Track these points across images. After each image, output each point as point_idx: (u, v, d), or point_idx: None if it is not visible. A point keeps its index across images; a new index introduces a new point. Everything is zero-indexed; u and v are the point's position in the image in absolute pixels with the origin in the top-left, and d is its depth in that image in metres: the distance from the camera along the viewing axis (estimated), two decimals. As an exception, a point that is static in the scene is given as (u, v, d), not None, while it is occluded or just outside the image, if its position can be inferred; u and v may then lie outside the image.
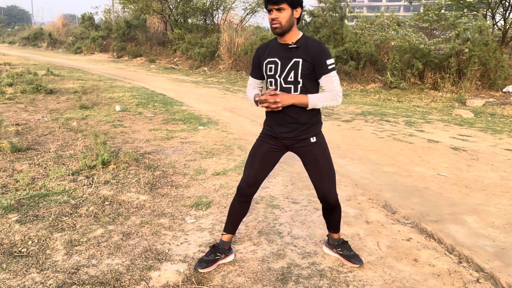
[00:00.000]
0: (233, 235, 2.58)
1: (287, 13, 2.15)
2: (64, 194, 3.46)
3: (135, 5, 21.82)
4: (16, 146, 4.55)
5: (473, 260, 2.64)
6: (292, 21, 2.20)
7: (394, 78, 11.44)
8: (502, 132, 6.73)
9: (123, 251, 2.62)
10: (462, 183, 4.16)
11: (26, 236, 2.75)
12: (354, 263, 2.57)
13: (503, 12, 12.17)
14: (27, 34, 35.98)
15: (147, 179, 3.91)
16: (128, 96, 9.06)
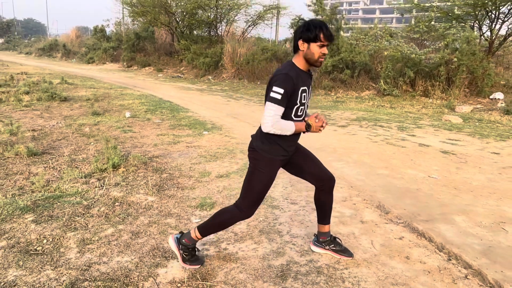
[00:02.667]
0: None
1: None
2: (77, 195, 3.47)
3: (144, 18, 21.93)
4: (32, 150, 4.57)
5: (462, 257, 2.64)
6: None
7: (387, 86, 11.46)
8: (489, 137, 6.72)
9: (132, 249, 2.63)
10: (451, 184, 4.16)
11: (41, 235, 2.76)
12: (348, 256, 2.58)
13: (490, 24, 12.19)
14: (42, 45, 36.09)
15: (155, 181, 3.92)
16: (137, 103, 9.09)
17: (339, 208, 3.44)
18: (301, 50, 2.19)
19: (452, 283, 2.38)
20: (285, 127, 2.18)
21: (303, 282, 2.34)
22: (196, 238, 2.42)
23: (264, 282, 2.32)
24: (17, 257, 2.48)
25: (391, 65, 11.46)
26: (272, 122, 2.12)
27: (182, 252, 2.43)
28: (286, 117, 2.22)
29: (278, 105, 2.11)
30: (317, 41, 2.12)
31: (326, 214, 2.61)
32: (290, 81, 2.11)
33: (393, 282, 2.37)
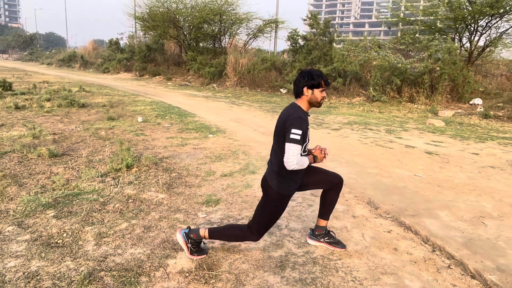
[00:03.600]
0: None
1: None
2: (94, 193, 3.47)
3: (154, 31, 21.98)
4: (53, 152, 4.57)
5: (445, 249, 2.64)
6: None
7: (376, 93, 11.47)
8: (469, 139, 6.72)
9: (144, 242, 2.63)
10: (435, 182, 4.16)
11: (62, 229, 2.76)
12: (341, 248, 2.59)
13: (469, 36, 12.20)
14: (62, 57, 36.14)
15: (165, 180, 3.92)
16: (148, 109, 9.09)
17: (332, 204, 3.43)
18: (305, 95, 2.32)
19: (436, 273, 2.38)
20: (304, 162, 2.30)
21: (300, 271, 2.33)
22: (204, 237, 2.44)
23: (264, 272, 2.32)
24: (39, 249, 2.48)
25: (380, 74, 11.47)
26: (297, 160, 2.21)
27: (190, 245, 2.44)
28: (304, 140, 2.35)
29: (298, 145, 2.22)
30: (320, 87, 2.30)
31: (328, 210, 2.61)
32: (304, 122, 2.26)
33: (382, 271, 2.37)
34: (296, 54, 14.60)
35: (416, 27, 13.26)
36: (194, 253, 2.44)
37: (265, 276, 2.27)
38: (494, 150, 5.86)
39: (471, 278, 2.34)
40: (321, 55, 13.40)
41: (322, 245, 2.64)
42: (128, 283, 2.16)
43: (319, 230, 2.65)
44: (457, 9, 11.26)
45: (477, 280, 2.32)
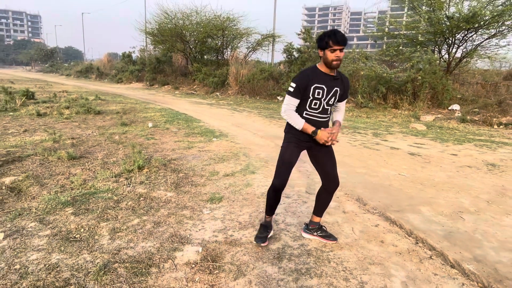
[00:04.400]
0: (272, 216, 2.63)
1: (343, 53, 2.20)
2: (109, 192, 3.47)
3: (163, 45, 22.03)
4: (71, 155, 4.57)
5: (427, 241, 2.63)
6: None
7: (364, 100, 11.49)
8: (448, 141, 6.72)
9: (154, 236, 2.62)
10: (417, 181, 4.15)
11: (79, 225, 2.76)
12: (332, 240, 2.59)
13: (447, 48, 12.25)
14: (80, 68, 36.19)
15: (173, 179, 3.91)
16: (158, 115, 9.09)
17: (325, 201, 3.43)
18: (320, 57, 2.23)
19: (419, 263, 2.37)
20: (294, 120, 2.26)
21: (296, 262, 2.33)
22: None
23: (263, 263, 2.31)
24: (59, 243, 2.47)
25: (367, 83, 11.50)
26: (285, 109, 2.25)
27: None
28: (302, 106, 2.30)
29: (290, 96, 2.23)
30: (328, 47, 2.15)
31: (322, 209, 2.61)
32: (303, 77, 2.20)
33: (370, 262, 2.36)
34: (292, 65, 14.63)
35: (399, 40, 13.31)
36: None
37: (264, 267, 2.26)
38: (471, 151, 5.86)
39: (450, 267, 2.34)
40: (314, 66, 13.42)
41: (315, 238, 2.64)
42: (140, 273, 2.15)
43: (312, 225, 2.65)
44: (436, 24, 11.30)
45: (456, 270, 2.31)
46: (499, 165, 4.98)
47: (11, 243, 2.45)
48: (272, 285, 2.08)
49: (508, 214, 3.22)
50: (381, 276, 2.21)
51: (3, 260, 2.25)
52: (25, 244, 2.45)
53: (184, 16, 19.67)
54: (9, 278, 2.07)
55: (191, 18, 19.73)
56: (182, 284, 2.07)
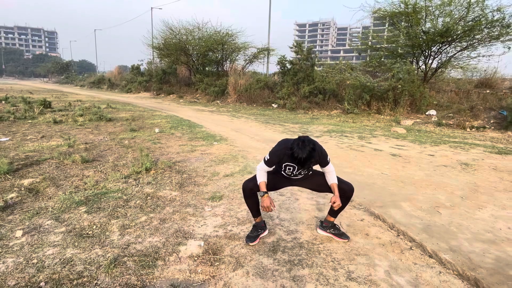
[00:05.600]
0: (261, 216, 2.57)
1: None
2: (119, 192, 3.45)
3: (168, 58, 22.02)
4: (85, 158, 4.54)
5: (407, 233, 2.64)
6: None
7: (350, 106, 11.53)
8: (426, 143, 6.75)
9: (160, 232, 2.60)
10: (398, 179, 4.17)
11: (92, 222, 2.74)
12: (344, 239, 2.51)
13: (424, 59, 12.35)
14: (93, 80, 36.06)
15: (177, 180, 3.90)
16: (164, 121, 9.07)
17: (315, 198, 3.43)
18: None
19: (401, 253, 2.38)
20: (257, 177, 2.36)
21: (289, 254, 2.32)
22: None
23: (260, 255, 2.30)
24: (73, 239, 2.45)
25: (352, 91, 11.55)
26: (257, 168, 2.39)
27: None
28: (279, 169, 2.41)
29: (263, 163, 2.36)
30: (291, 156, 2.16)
31: (337, 212, 2.54)
32: (276, 156, 2.30)
33: (356, 253, 2.36)
34: (285, 76, 14.67)
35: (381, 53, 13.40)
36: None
37: (260, 259, 2.25)
38: (446, 152, 5.89)
39: (429, 257, 2.34)
40: (305, 76, 13.48)
41: (328, 235, 2.58)
42: (147, 266, 2.13)
43: (326, 223, 2.61)
44: (414, 38, 11.40)
45: (434, 259, 2.32)
46: (471, 164, 5.01)
47: (29, 240, 2.43)
48: (267, 275, 2.07)
49: (480, 208, 3.24)
50: (366, 266, 2.21)
51: (21, 255, 2.23)
52: (42, 240, 2.43)
53: (187, 32, 19.70)
54: (27, 272, 2.05)
55: (194, 34, 19.77)
56: (186, 276, 2.06)
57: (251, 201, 2.44)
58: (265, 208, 2.27)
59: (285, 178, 2.53)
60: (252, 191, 2.39)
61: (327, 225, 2.61)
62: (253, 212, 2.50)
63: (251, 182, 2.42)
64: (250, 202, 2.45)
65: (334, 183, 2.43)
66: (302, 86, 13.25)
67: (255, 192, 2.38)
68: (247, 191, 2.41)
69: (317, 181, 2.53)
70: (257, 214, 2.50)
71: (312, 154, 2.10)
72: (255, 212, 2.49)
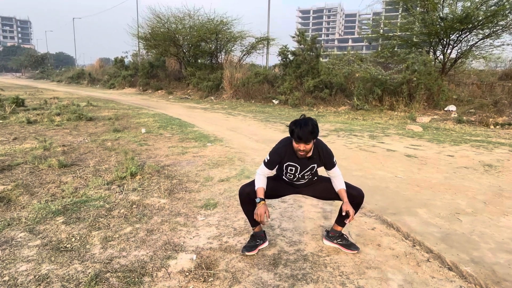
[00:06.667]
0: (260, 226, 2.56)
1: (311, 143, 2.26)
2: (100, 200, 3.45)
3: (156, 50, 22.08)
4: (62, 162, 4.54)
5: (424, 244, 2.64)
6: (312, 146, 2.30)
7: (360, 102, 11.56)
8: (445, 142, 6.77)
9: (147, 244, 2.60)
10: (414, 183, 4.18)
11: (70, 234, 2.73)
12: (353, 250, 2.51)
13: (442, 49, 12.39)
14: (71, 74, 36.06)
15: (166, 186, 3.90)
16: (151, 121, 9.07)
17: (321, 205, 3.44)
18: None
19: (417, 266, 2.38)
20: (256, 181, 2.39)
21: (292, 268, 2.32)
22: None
23: (259, 269, 2.30)
24: (49, 253, 2.45)
25: (362, 85, 11.58)
26: (257, 172, 2.42)
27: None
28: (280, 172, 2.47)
29: (264, 165, 2.40)
30: (293, 138, 2.24)
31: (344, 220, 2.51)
32: (276, 155, 2.37)
33: (367, 266, 2.37)
34: (286, 68, 14.71)
35: (394, 42, 13.45)
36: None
37: (259, 273, 2.26)
38: (468, 152, 5.91)
39: (448, 270, 2.35)
40: (309, 68, 13.51)
41: (335, 246, 2.58)
42: (132, 283, 2.13)
43: (332, 232, 2.61)
44: (430, 25, 11.44)
45: (453, 272, 2.32)
46: (496, 166, 5.03)
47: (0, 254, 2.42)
48: (267, 292, 2.07)
49: (505, 214, 3.25)
50: (378, 280, 2.21)
51: (-9, 272, 2.22)
52: (14, 255, 2.43)
53: (177, 20, 19.73)
54: (-2, 291, 2.05)
55: (184, 22, 19.80)
56: (176, 293, 2.05)
57: (248, 208, 2.44)
58: (257, 216, 2.27)
59: (287, 184, 2.54)
60: (249, 196, 2.39)
61: (334, 235, 2.61)
62: (251, 220, 2.50)
63: (248, 187, 2.42)
64: (247, 209, 2.45)
65: (342, 189, 2.44)
66: (306, 80, 13.28)
67: (253, 198, 2.38)
68: (244, 197, 2.42)
69: (322, 188, 2.55)
70: (255, 223, 2.50)
71: (313, 123, 2.18)
72: (253, 221, 2.49)
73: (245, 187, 2.43)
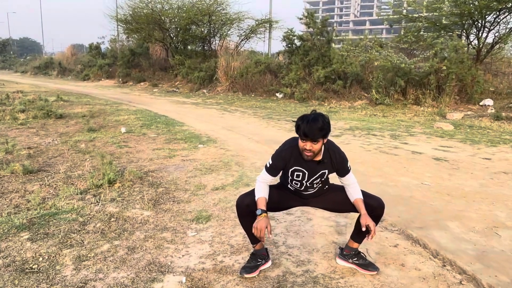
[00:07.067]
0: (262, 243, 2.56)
1: (320, 143, 2.24)
2: (73, 212, 3.45)
3: (138, 34, 22.12)
4: (27, 168, 4.54)
5: (456, 263, 2.64)
6: (322, 147, 2.29)
7: (379, 95, 11.57)
8: (480, 143, 6.78)
9: (128, 264, 2.60)
10: (444, 191, 4.18)
11: (37, 253, 2.73)
12: (371, 271, 2.51)
13: (476, 32, 12.39)
14: (38, 64, 36.12)
15: (151, 195, 3.90)
16: (132, 118, 9.09)
17: (334, 217, 3.44)
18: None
19: (447, 289, 2.38)
20: (256, 190, 2.40)
21: (300, 292, 2.32)
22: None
23: (260, 294, 2.30)
24: (12, 276, 2.45)
25: (382, 75, 11.58)
26: (257, 179, 2.43)
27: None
28: (285, 179, 2.50)
29: (265, 171, 2.42)
30: (299, 135, 2.23)
31: (362, 235, 2.52)
32: (279, 159, 2.38)
33: (388, 290, 2.36)
34: (292, 56, 14.73)
35: (419, 24, 13.44)
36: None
37: (261, 299, 2.26)
38: (508, 155, 5.91)
39: (484, 294, 2.34)
40: (319, 56, 13.53)
41: (351, 266, 2.58)
42: (111, 310, 2.13)
43: (347, 250, 2.61)
44: (462, 4, 11.45)
45: (491, 297, 2.32)
46: (540, 170, 5.03)
47: (-47, 277, 2.43)
48: (271, 321, 2.07)
49: (552, 228, 3.25)
50: (402, 307, 2.21)
51: None
52: (-30, 277, 2.43)
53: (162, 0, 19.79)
54: (-49, 320, 2.05)
55: (171, 2, 19.87)
56: (162, 322, 2.06)
57: (247, 222, 2.43)
58: (257, 231, 2.25)
59: (293, 194, 2.54)
60: (249, 208, 2.39)
61: (349, 253, 2.61)
62: (250, 237, 2.50)
63: (248, 197, 2.42)
64: (246, 223, 2.45)
65: (359, 198, 2.44)
66: (316, 69, 13.30)
67: (253, 210, 2.38)
68: (242, 209, 2.42)
69: (335, 198, 2.55)
70: (256, 239, 2.50)
71: (323, 120, 2.16)
72: (253, 237, 2.49)
73: (244, 197, 2.43)
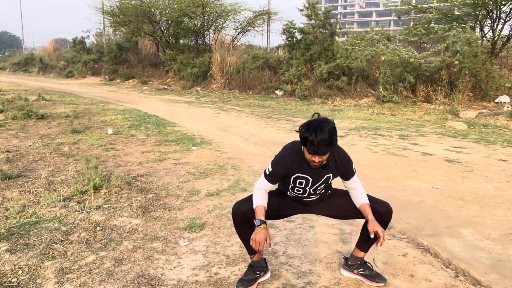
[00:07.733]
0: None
1: (329, 153, 2.24)
2: (55, 221, 3.44)
3: (126, 28, 22.10)
4: (6, 173, 4.53)
5: (470, 273, 2.64)
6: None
7: (387, 92, 11.59)
8: (496, 143, 6.80)
9: (115, 277, 2.60)
10: (457, 195, 4.19)
11: (16, 265, 2.72)
12: (379, 282, 2.51)
13: (491, 24, 12.44)
14: (17, 60, 36.02)
15: (140, 202, 3.90)
16: (120, 118, 9.09)
17: (338, 225, 3.44)
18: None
19: (460, 302, 2.38)
20: (254, 198, 2.40)
21: (301, 306, 2.32)
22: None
23: (258, 308, 2.30)
24: (-11, 290, 2.44)
25: (390, 70, 11.61)
26: (255, 185, 2.45)
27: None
28: (285, 186, 2.49)
29: (264, 178, 2.42)
30: (306, 148, 2.19)
31: (369, 243, 2.52)
32: (280, 166, 2.36)
33: (397, 302, 2.37)
34: (293, 50, 14.75)
35: (430, 15, 13.49)
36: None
37: (259, 314, 2.26)
38: (525, 156, 5.93)
39: (500, 307, 2.35)
40: (322, 50, 13.55)
41: (356, 277, 2.59)
42: (96, 327, 2.13)
43: (353, 260, 2.61)
44: (476, -7, 11.49)
45: (508, 309, 2.33)
46: (560, 173, 5.04)
47: None
48: (270, 337, 2.07)
49: None
50: (412, 321, 2.21)
51: None
52: None
53: (152, -10, 19.80)
54: None
55: (162, -8, 19.87)
56: None
57: (244, 231, 2.43)
58: (255, 244, 2.24)
59: (294, 201, 2.54)
60: (246, 216, 2.38)
61: (354, 263, 2.61)
62: (248, 247, 2.50)
63: (244, 204, 2.42)
64: (243, 232, 2.44)
65: (365, 203, 2.44)
66: (318, 65, 13.33)
67: (250, 218, 2.38)
68: (239, 217, 2.41)
69: (339, 204, 2.55)
70: (254, 250, 2.50)
71: (330, 128, 2.10)
72: (250, 248, 2.48)
73: (241, 204, 2.43)
